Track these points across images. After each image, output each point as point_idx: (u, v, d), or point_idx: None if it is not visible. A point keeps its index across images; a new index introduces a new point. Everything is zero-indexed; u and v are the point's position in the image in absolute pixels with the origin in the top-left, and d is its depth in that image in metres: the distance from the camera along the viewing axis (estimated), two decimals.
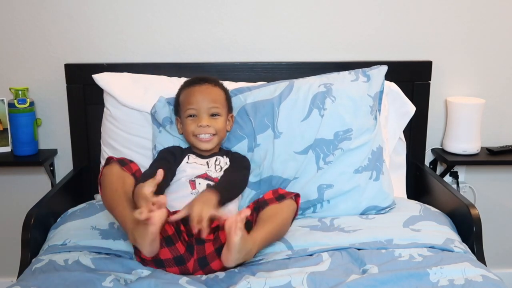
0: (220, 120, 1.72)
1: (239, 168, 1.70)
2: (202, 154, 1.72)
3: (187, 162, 1.69)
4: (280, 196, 1.55)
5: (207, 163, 1.69)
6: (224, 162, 1.71)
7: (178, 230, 1.49)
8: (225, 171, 1.67)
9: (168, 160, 1.67)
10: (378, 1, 2.09)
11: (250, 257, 1.41)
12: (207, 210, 1.36)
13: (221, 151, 1.77)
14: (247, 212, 1.34)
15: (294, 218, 1.59)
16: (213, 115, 1.71)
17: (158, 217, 1.29)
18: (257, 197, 1.70)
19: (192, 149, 1.75)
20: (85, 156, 2.10)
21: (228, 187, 1.57)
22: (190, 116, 1.71)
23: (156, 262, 1.46)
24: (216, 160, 1.70)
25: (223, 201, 1.48)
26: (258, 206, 1.55)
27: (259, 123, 1.81)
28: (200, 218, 1.34)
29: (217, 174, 1.66)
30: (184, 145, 1.81)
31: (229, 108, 1.80)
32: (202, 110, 1.70)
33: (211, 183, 1.62)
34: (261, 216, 1.51)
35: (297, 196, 1.59)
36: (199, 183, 1.62)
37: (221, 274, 1.45)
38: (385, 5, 2.10)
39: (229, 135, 1.82)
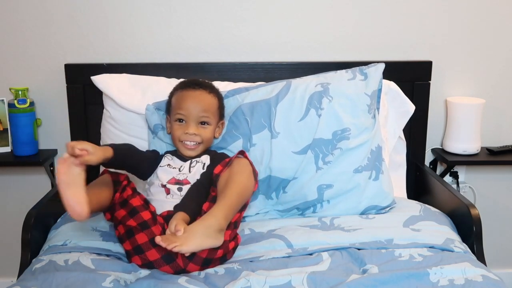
0: (209, 130, 1.71)
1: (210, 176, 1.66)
2: (183, 157, 1.71)
3: (160, 166, 1.69)
4: (227, 163, 1.54)
5: (180, 167, 1.67)
6: (200, 162, 1.68)
7: (163, 229, 1.49)
8: (200, 178, 1.64)
9: (148, 156, 1.71)
10: (378, 1, 2.09)
11: (221, 227, 1.40)
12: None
13: (205, 152, 1.74)
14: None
15: (254, 172, 1.55)
16: (202, 123, 1.70)
17: (68, 160, 1.35)
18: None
19: (175, 151, 1.74)
20: None
21: (197, 199, 1.57)
22: (179, 120, 1.70)
23: (147, 265, 1.46)
24: (191, 163, 1.68)
25: (193, 215, 1.50)
26: (214, 182, 1.54)
27: (256, 123, 1.81)
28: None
29: (186, 175, 1.64)
30: (173, 149, 1.80)
31: (221, 116, 1.78)
32: (191, 117, 1.68)
33: (182, 186, 1.61)
34: (218, 187, 1.50)
35: (241, 153, 1.57)
36: (170, 188, 1.61)
37: (221, 271, 1.45)
38: (385, 5, 2.10)
39: (224, 135, 1.82)
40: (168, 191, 1.61)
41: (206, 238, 1.37)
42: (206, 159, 1.69)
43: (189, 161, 1.69)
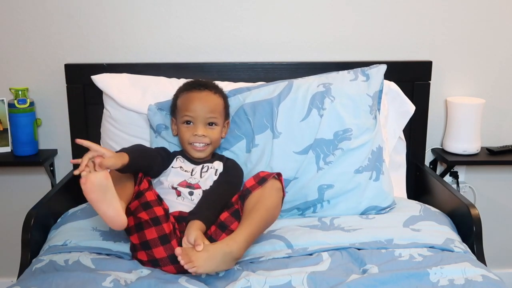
0: (216, 130, 1.71)
1: (228, 182, 1.65)
2: (193, 159, 1.71)
3: (172, 167, 1.68)
4: (261, 180, 1.50)
5: (192, 170, 1.67)
6: (212, 168, 1.68)
7: (174, 228, 1.50)
8: (213, 185, 1.63)
9: (160, 154, 1.68)
10: (378, 1, 2.09)
11: (239, 256, 1.41)
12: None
13: (214, 157, 1.75)
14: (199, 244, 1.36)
15: (283, 198, 1.54)
16: (210, 124, 1.70)
17: (90, 177, 1.30)
18: None
19: (184, 152, 1.74)
20: None
21: (213, 208, 1.55)
22: (186, 122, 1.70)
23: (152, 262, 1.46)
24: (203, 168, 1.68)
25: (209, 225, 1.50)
26: (242, 195, 1.52)
27: (258, 123, 1.81)
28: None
29: (198, 180, 1.64)
30: (178, 148, 1.80)
31: (226, 115, 1.78)
32: (199, 118, 1.68)
33: (193, 191, 1.61)
34: (246, 206, 1.48)
35: (279, 175, 1.54)
36: (181, 190, 1.61)
37: (221, 272, 1.45)
38: (385, 5, 2.10)
39: (227, 135, 1.82)
40: (179, 193, 1.61)
41: (222, 263, 1.37)
42: (219, 165, 1.69)
43: (200, 166, 1.68)
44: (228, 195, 1.58)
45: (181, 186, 1.62)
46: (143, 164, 1.56)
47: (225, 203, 1.55)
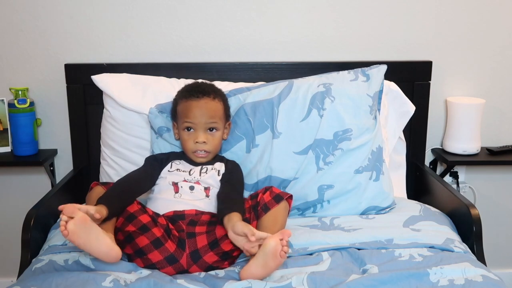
0: (217, 135, 1.71)
1: (235, 182, 1.68)
2: (193, 161, 1.72)
3: (169, 171, 1.69)
4: (277, 197, 1.57)
5: (190, 170, 1.68)
6: (214, 169, 1.69)
7: (167, 229, 1.49)
8: (227, 184, 1.65)
9: (145, 174, 1.67)
10: (378, 1, 2.09)
11: None
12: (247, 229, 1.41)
13: (215, 158, 1.75)
14: (289, 234, 1.39)
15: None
16: (210, 129, 1.70)
17: (69, 226, 1.32)
18: None
19: (183, 155, 1.75)
20: (85, 156, 2.10)
21: (240, 202, 1.59)
22: (187, 129, 1.70)
23: (149, 267, 1.46)
24: (202, 169, 1.69)
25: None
26: (255, 206, 1.57)
27: (258, 123, 1.81)
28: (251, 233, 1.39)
29: (198, 179, 1.65)
30: (179, 150, 1.81)
31: (227, 118, 1.78)
32: (200, 125, 1.68)
33: (194, 185, 1.62)
34: (263, 223, 1.54)
35: (291, 197, 1.62)
36: (181, 186, 1.62)
37: (221, 273, 1.45)
38: (385, 5, 2.10)
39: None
40: (177, 190, 1.61)
41: None
42: (220, 166, 1.71)
43: (199, 167, 1.70)
44: (242, 193, 1.67)
45: (182, 182, 1.63)
46: (127, 202, 1.53)
47: (242, 200, 1.61)
